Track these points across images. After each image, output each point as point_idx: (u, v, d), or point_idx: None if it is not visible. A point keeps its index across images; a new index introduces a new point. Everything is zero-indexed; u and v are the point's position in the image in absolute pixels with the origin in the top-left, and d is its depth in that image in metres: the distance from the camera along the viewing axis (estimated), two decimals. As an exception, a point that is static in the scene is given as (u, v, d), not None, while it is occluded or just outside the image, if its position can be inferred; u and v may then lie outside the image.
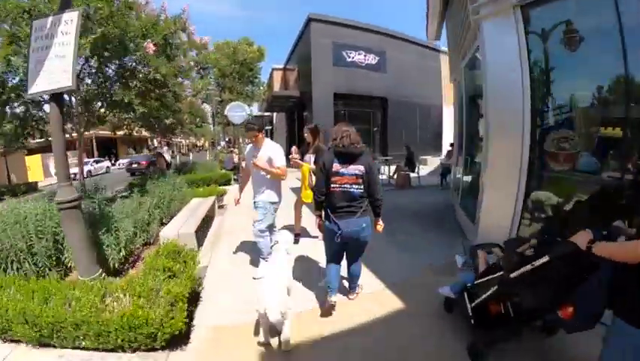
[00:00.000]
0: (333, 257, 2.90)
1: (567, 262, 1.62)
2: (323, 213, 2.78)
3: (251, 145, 3.83)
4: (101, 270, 3.25)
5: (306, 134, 4.45)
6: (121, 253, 3.83)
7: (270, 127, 28.45)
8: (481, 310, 2.30)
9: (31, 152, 17.50)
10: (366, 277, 3.39)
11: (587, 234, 1.50)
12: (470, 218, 4.41)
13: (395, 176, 9.94)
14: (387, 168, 11.10)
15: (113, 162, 29.14)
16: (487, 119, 3.61)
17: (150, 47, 4.90)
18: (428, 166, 14.86)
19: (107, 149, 31.70)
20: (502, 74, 3.48)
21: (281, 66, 22.79)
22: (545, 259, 1.68)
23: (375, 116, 17.35)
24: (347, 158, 2.57)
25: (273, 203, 3.62)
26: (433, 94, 18.69)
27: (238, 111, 11.56)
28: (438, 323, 2.69)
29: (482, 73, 3.78)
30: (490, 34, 3.59)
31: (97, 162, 24.74)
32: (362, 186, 2.58)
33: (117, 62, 5.47)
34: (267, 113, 25.09)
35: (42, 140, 6.58)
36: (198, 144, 58.36)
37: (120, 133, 9.36)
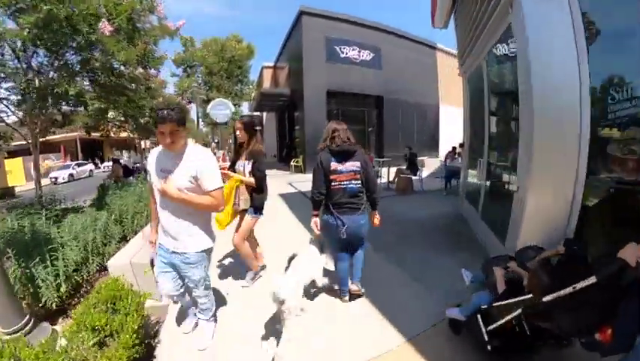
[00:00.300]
0: (342, 251, 2.91)
1: (614, 281, 1.44)
2: (320, 212, 2.81)
3: (160, 149, 2.16)
4: (27, 317, 2.43)
5: (238, 132, 3.18)
6: (61, 289, 2.99)
7: (260, 127, 27.53)
8: (496, 333, 2.03)
9: (12, 154, 16.46)
10: (380, 328, 2.59)
11: (635, 248, 1.42)
12: (498, 236, 3.64)
13: (395, 180, 9.11)
14: (384, 170, 10.32)
15: (98, 164, 28.05)
16: (530, 115, 2.82)
17: (106, 26, 3.99)
18: (426, 168, 14.17)
19: (93, 151, 30.63)
20: (549, 58, 2.71)
21: (271, 64, 22.00)
22: (592, 280, 1.45)
23: (370, 116, 16.65)
24: (343, 156, 2.67)
25: (207, 251, 2.30)
26: (429, 92, 18.11)
27: (221, 109, 10.74)
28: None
29: (520, 57, 3.01)
30: (531, 7, 2.84)
31: (79, 165, 23.75)
32: (360, 182, 2.70)
33: (73, 49, 4.56)
34: (256, 113, 24.25)
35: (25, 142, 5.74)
36: (188, 146, 57.36)
37: (96, 135, 8.45)
